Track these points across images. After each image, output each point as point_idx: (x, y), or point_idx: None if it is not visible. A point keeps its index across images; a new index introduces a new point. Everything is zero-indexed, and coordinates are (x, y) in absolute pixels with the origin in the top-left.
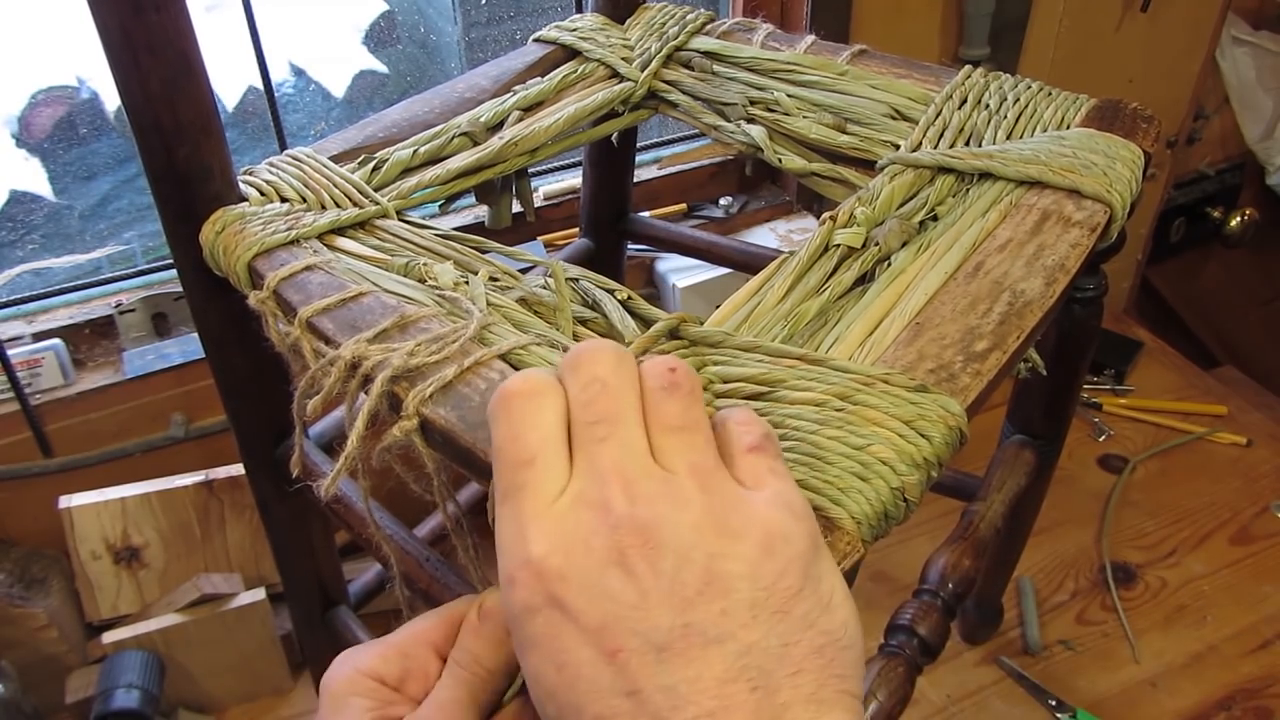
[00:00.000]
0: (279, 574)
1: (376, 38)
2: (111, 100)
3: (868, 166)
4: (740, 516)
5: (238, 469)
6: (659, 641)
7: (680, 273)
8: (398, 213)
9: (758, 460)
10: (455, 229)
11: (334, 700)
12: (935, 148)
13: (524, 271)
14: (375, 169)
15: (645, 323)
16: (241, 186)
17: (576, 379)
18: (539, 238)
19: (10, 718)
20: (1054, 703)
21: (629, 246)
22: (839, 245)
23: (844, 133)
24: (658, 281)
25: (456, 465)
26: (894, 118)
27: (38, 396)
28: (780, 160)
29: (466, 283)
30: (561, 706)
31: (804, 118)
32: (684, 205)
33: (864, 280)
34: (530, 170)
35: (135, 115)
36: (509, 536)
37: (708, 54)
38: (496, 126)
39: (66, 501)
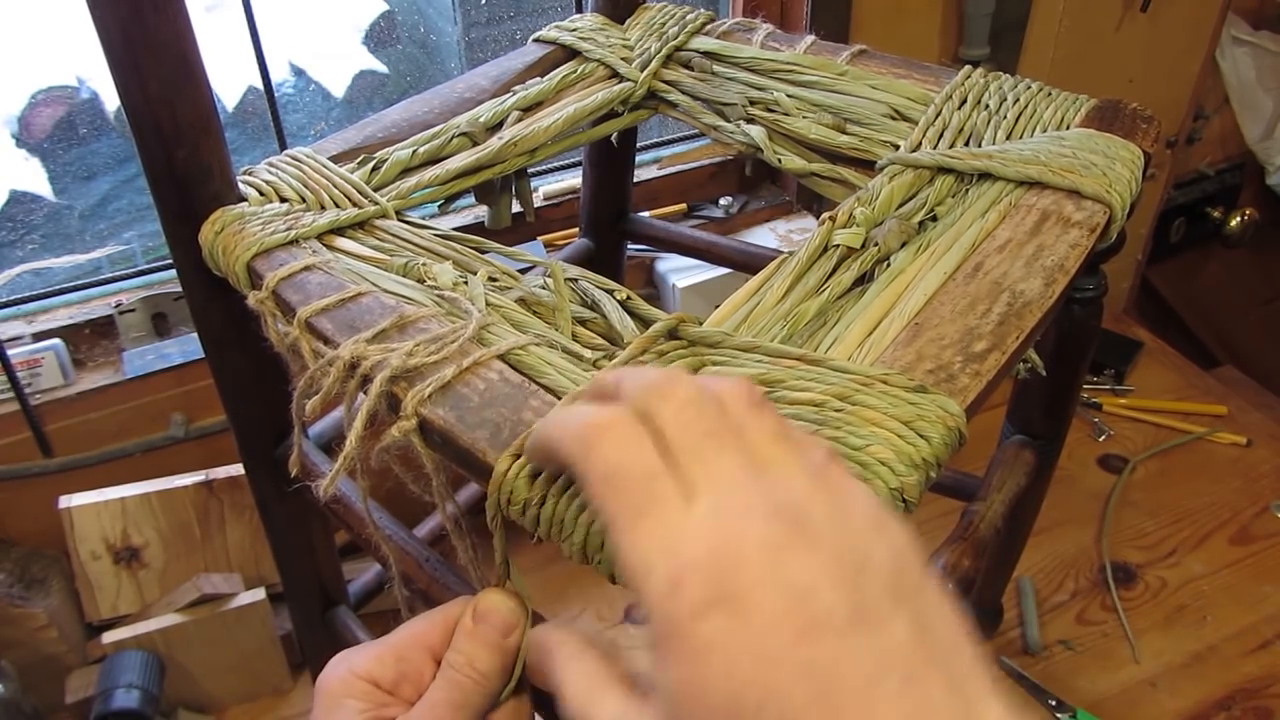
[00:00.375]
0: (279, 574)
1: (376, 38)
2: (111, 100)
3: (867, 167)
4: (860, 511)
5: (238, 469)
6: (841, 623)
7: (680, 273)
8: (397, 213)
9: (838, 468)
10: (455, 229)
11: (328, 701)
12: (935, 148)
13: (523, 271)
14: (375, 169)
15: (644, 323)
16: (241, 187)
17: (668, 406)
18: (539, 238)
19: (10, 718)
20: (1054, 703)
21: (629, 246)
22: (838, 245)
23: (844, 133)
24: (658, 281)
25: (455, 465)
26: (894, 118)
27: (38, 396)
28: (780, 160)
29: (465, 283)
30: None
31: (804, 118)
32: (684, 205)
33: (863, 280)
34: (530, 170)
35: (135, 117)
36: (656, 549)
37: (707, 54)
38: (496, 127)
39: (66, 501)
